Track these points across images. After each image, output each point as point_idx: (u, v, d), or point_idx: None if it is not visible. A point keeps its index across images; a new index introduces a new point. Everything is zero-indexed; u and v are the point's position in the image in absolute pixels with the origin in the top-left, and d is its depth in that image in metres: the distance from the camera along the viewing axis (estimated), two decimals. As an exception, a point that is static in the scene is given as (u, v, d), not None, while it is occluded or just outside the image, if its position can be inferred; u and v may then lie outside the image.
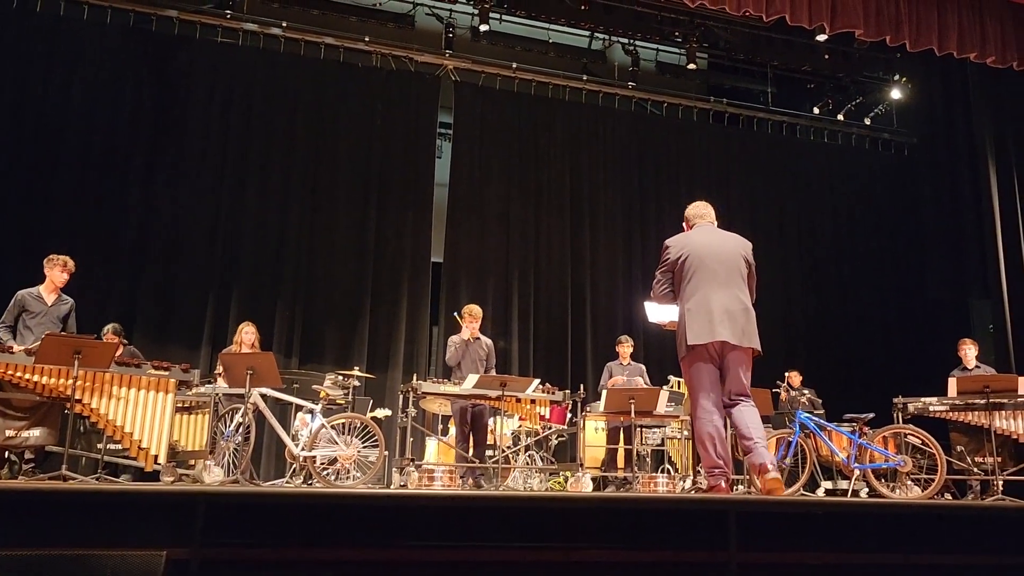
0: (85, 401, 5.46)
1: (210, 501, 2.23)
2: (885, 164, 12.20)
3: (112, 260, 8.85)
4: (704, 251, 4.40)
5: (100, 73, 9.15)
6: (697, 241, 4.47)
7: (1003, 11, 8.81)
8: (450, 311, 9.96)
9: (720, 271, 4.36)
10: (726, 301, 4.30)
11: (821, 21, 8.24)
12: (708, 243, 4.45)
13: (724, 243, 4.50)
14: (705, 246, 4.42)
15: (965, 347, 7.69)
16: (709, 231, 4.58)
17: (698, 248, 4.42)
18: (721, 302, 4.29)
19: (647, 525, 2.44)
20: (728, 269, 4.38)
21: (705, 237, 4.51)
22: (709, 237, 4.52)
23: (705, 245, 4.43)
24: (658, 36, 10.77)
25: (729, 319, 4.27)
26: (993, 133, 9.72)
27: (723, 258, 4.40)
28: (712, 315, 4.26)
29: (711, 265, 4.36)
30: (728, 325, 4.25)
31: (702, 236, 4.52)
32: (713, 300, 4.29)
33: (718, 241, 4.50)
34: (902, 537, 2.91)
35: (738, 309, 4.31)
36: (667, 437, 8.30)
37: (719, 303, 4.28)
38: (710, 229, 4.60)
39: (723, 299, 4.30)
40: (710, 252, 4.40)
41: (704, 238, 4.50)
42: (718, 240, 4.51)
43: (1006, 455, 6.99)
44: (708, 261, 4.36)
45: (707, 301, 4.28)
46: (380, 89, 10.23)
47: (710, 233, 4.56)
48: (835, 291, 11.59)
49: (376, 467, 6.40)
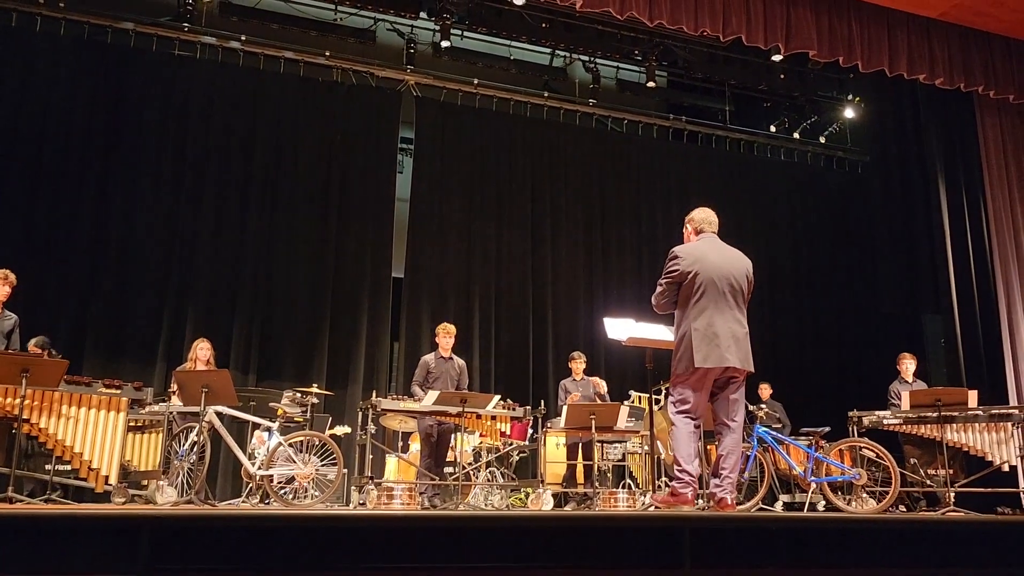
0: (33, 421, 5.32)
1: (155, 525, 2.17)
2: (839, 181, 12.45)
3: (63, 275, 8.64)
4: (715, 270, 4.41)
5: (52, 85, 8.96)
6: (709, 257, 4.46)
7: (950, 34, 9.07)
8: (411, 327, 9.94)
9: (728, 292, 4.39)
10: (732, 325, 4.36)
11: (776, 42, 8.41)
12: (719, 261, 4.46)
13: (732, 262, 4.51)
14: (716, 264, 4.43)
15: (905, 361, 7.97)
16: (718, 245, 4.58)
17: (709, 266, 4.41)
18: (728, 325, 4.34)
19: (602, 542, 2.44)
20: (734, 292, 4.43)
21: (715, 253, 4.51)
22: (719, 253, 4.52)
23: (716, 263, 4.44)
24: (618, 54, 10.88)
25: (735, 344, 4.33)
26: (942, 152, 9.95)
27: (731, 279, 4.42)
28: (720, 339, 4.29)
29: (720, 286, 4.38)
30: (735, 351, 4.32)
31: (712, 251, 4.51)
32: (720, 323, 4.32)
33: (727, 259, 4.51)
34: (856, 551, 2.94)
35: (741, 334, 4.40)
36: (628, 452, 8.32)
37: (726, 327, 4.33)
38: (717, 242, 4.60)
39: (729, 322, 4.35)
40: (720, 271, 4.41)
41: (715, 254, 4.49)
42: (727, 258, 4.52)
43: (958, 467, 7.14)
44: (718, 281, 4.38)
45: (715, 324, 4.32)
46: (341, 104, 10.18)
47: (719, 248, 4.57)
48: (791, 306, 11.76)
49: (335, 485, 6.32)
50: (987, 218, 9.57)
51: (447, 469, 7.42)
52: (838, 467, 6.56)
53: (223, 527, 2.29)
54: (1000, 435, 6.75)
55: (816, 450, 6.55)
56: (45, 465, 6.17)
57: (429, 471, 7.06)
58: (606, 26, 10.22)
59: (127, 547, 2.14)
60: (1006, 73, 9.29)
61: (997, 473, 6.88)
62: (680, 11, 8.02)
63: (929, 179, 10.00)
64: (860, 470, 6.43)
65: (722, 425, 4.43)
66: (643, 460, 8.06)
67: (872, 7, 8.74)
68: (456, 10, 9.91)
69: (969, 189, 9.78)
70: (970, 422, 6.78)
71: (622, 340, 5.02)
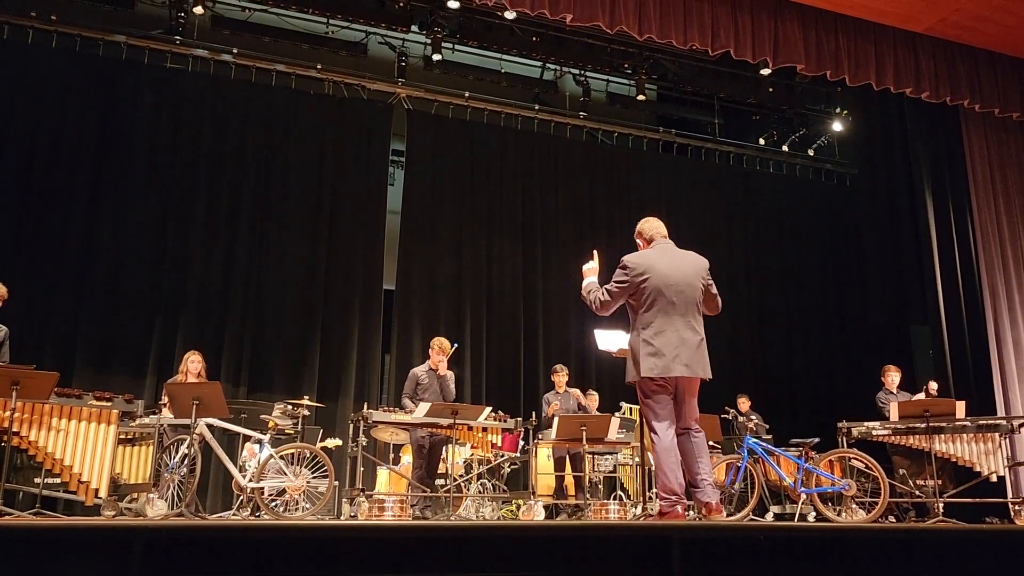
0: (23, 434, 5.30)
1: (149, 537, 2.18)
2: (828, 194, 12.55)
3: (53, 287, 8.62)
4: (664, 279, 4.36)
5: (44, 98, 8.98)
6: (659, 265, 4.41)
7: (936, 49, 9.18)
8: (402, 339, 9.94)
9: (678, 301, 4.35)
10: (683, 332, 4.32)
11: (764, 56, 8.49)
12: (669, 269, 4.40)
13: (684, 267, 4.45)
14: (666, 273, 4.37)
15: (890, 373, 8.02)
16: (669, 252, 4.53)
17: (659, 274, 4.37)
18: (678, 334, 4.30)
19: (591, 552, 2.46)
20: (686, 299, 4.38)
21: (666, 260, 4.45)
22: (670, 260, 4.46)
23: (666, 271, 4.38)
24: (608, 67, 10.97)
25: (685, 351, 4.29)
26: (929, 164, 10.05)
27: (682, 286, 4.37)
28: (668, 349, 4.27)
29: (669, 295, 4.34)
30: (683, 359, 4.27)
31: (663, 259, 4.46)
32: (670, 333, 4.29)
33: (678, 265, 4.45)
34: (845, 560, 2.96)
35: (694, 341, 4.34)
36: (619, 464, 8.33)
37: (675, 336, 4.29)
38: (669, 249, 4.56)
39: (680, 330, 4.31)
40: (670, 280, 4.36)
41: (665, 262, 4.44)
42: (678, 264, 4.45)
43: (946, 478, 7.18)
44: (667, 290, 4.34)
45: (664, 334, 4.29)
46: (332, 116, 10.21)
47: (670, 254, 4.51)
48: (781, 317, 11.83)
49: (326, 498, 6.31)
50: (974, 229, 9.65)
51: (438, 481, 7.41)
52: (828, 478, 6.59)
53: (216, 538, 2.30)
54: (988, 446, 6.80)
55: (806, 461, 6.58)
56: (34, 478, 6.14)
57: (421, 482, 7.05)
58: (596, 40, 10.30)
59: (120, 558, 2.15)
60: (991, 87, 9.40)
61: (985, 483, 6.93)
62: (669, 25, 8.09)
63: (916, 191, 10.10)
64: (849, 481, 6.46)
65: (685, 432, 4.41)
66: (634, 472, 8.08)
67: (859, 22, 8.84)
68: (447, 24, 9.98)
69: (956, 201, 9.88)
70: (958, 433, 6.83)
71: (613, 351, 5.05)
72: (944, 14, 8.75)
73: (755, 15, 8.42)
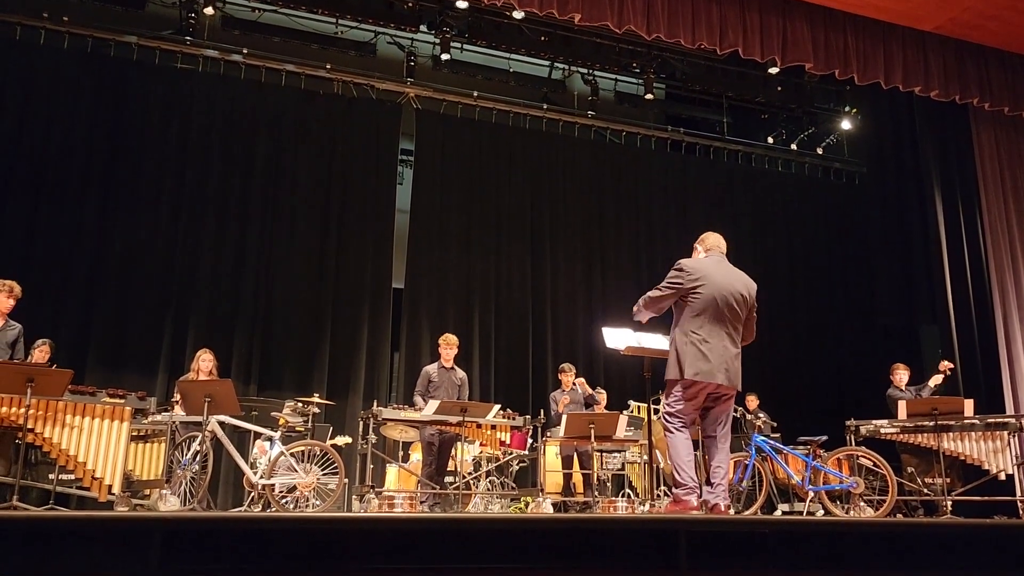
0: (38, 430, 5.36)
1: (167, 529, 2.22)
2: (837, 192, 12.52)
3: (66, 286, 8.71)
4: (719, 290, 4.54)
5: (55, 98, 9.05)
6: (715, 275, 4.59)
7: (945, 47, 9.17)
8: (411, 337, 9.99)
9: (727, 314, 4.53)
10: (726, 343, 4.51)
11: (773, 55, 8.50)
12: (724, 281, 4.59)
13: (736, 284, 4.64)
14: (721, 285, 4.56)
15: (899, 371, 8.04)
16: (725, 266, 4.72)
17: (714, 284, 4.55)
18: (723, 345, 4.49)
19: (599, 546, 2.49)
20: (734, 314, 4.56)
21: (722, 273, 4.64)
22: (725, 274, 4.65)
23: (721, 283, 4.57)
24: (616, 67, 10.97)
25: (727, 364, 4.48)
26: (939, 163, 10.03)
27: (732, 302, 4.55)
28: (712, 358, 4.44)
29: (721, 306, 4.51)
30: (724, 370, 4.46)
31: (719, 270, 4.64)
32: (715, 343, 4.47)
33: (731, 280, 4.63)
34: (850, 556, 2.99)
35: (733, 354, 4.54)
36: (627, 462, 8.35)
37: (720, 347, 4.48)
38: (724, 264, 4.74)
39: (725, 343, 4.50)
40: (723, 292, 4.54)
41: (721, 274, 4.62)
42: (732, 279, 4.65)
43: (955, 476, 7.18)
44: (720, 302, 4.52)
45: (709, 341, 4.46)
46: (341, 116, 10.26)
47: (726, 269, 4.70)
48: (789, 316, 11.80)
49: (336, 495, 6.35)
50: (983, 228, 9.64)
51: (447, 478, 7.46)
52: (836, 476, 6.60)
53: (233, 530, 2.34)
54: (996, 444, 6.80)
55: (814, 459, 6.60)
56: (49, 475, 6.21)
57: (431, 480, 7.10)
58: (604, 39, 10.31)
59: (139, 551, 2.19)
60: (1000, 86, 9.38)
61: (994, 482, 6.92)
62: (677, 25, 8.11)
63: (925, 190, 10.08)
64: (857, 479, 6.47)
65: (710, 439, 4.57)
66: (642, 469, 8.10)
67: (867, 20, 8.83)
68: (456, 23, 10.01)
69: (965, 200, 9.86)
70: (967, 431, 6.83)
71: (620, 349, 5.09)
72: (953, 12, 8.74)
73: (763, 14, 8.43)
